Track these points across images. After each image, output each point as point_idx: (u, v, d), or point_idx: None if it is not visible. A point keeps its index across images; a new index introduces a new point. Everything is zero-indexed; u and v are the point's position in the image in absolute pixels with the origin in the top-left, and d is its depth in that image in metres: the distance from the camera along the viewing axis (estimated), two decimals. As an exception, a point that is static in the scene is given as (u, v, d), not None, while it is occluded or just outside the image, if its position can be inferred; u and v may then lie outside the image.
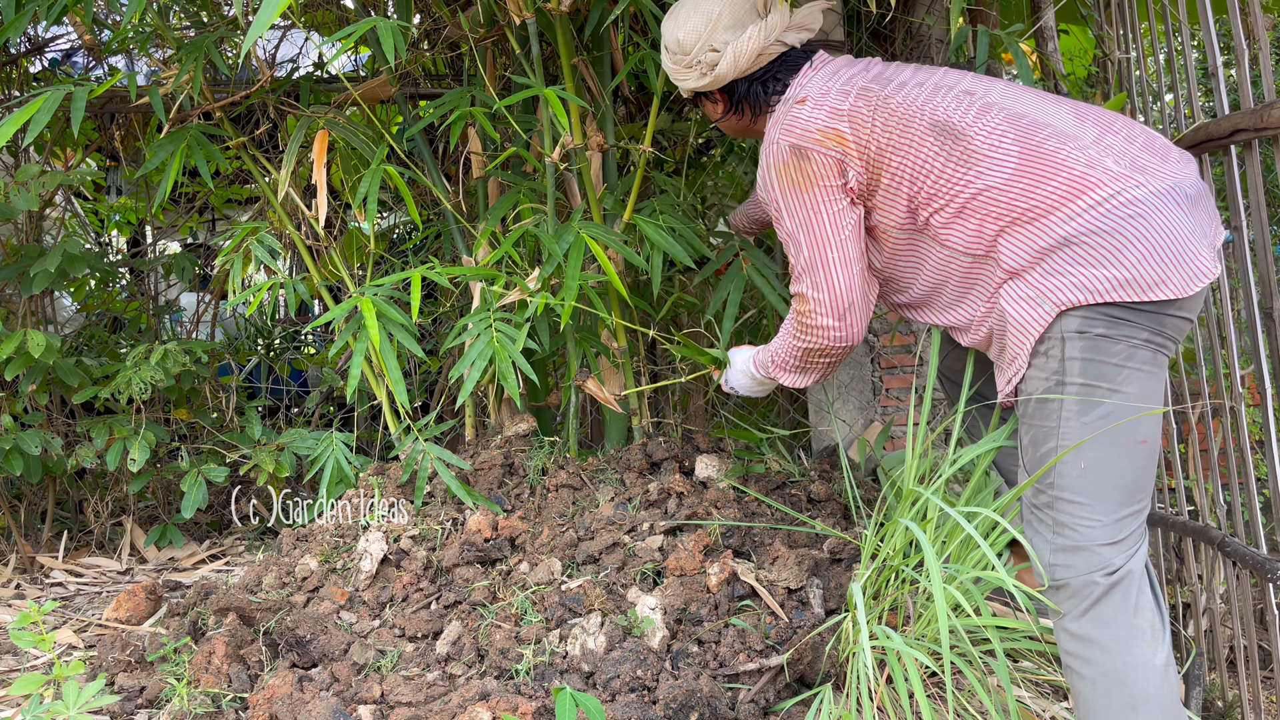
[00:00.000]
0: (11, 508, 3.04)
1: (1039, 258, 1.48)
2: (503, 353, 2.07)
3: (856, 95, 1.62)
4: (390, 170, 2.29)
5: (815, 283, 1.68)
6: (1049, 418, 1.49)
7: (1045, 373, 1.49)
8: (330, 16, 3.33)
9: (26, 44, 3.34)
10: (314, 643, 1.93)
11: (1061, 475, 1.48)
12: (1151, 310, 1.43)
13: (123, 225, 4.17)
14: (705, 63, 1.80)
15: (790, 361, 1.83)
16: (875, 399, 3.09)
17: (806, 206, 1.66)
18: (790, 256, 1.72)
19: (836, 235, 1.65)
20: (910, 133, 1.58)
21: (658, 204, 2.37)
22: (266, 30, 1.39)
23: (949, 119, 1.56)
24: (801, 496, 2.32)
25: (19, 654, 2.23)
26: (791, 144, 1.64)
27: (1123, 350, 1.44)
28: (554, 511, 2.21)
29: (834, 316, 1.69)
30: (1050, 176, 1.49)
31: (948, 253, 1.60)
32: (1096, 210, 1.44)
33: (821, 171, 1.63)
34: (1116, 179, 1.46)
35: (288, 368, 4.05)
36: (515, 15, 2.24)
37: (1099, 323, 1.44)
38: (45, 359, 2.65)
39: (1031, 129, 1.54)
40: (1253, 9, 1.65)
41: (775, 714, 1.73)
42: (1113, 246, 1.43)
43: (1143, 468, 1.47)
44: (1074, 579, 1.48)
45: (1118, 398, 1.44)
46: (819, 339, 1.73)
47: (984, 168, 1.52)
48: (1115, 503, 1.46)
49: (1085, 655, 1.47)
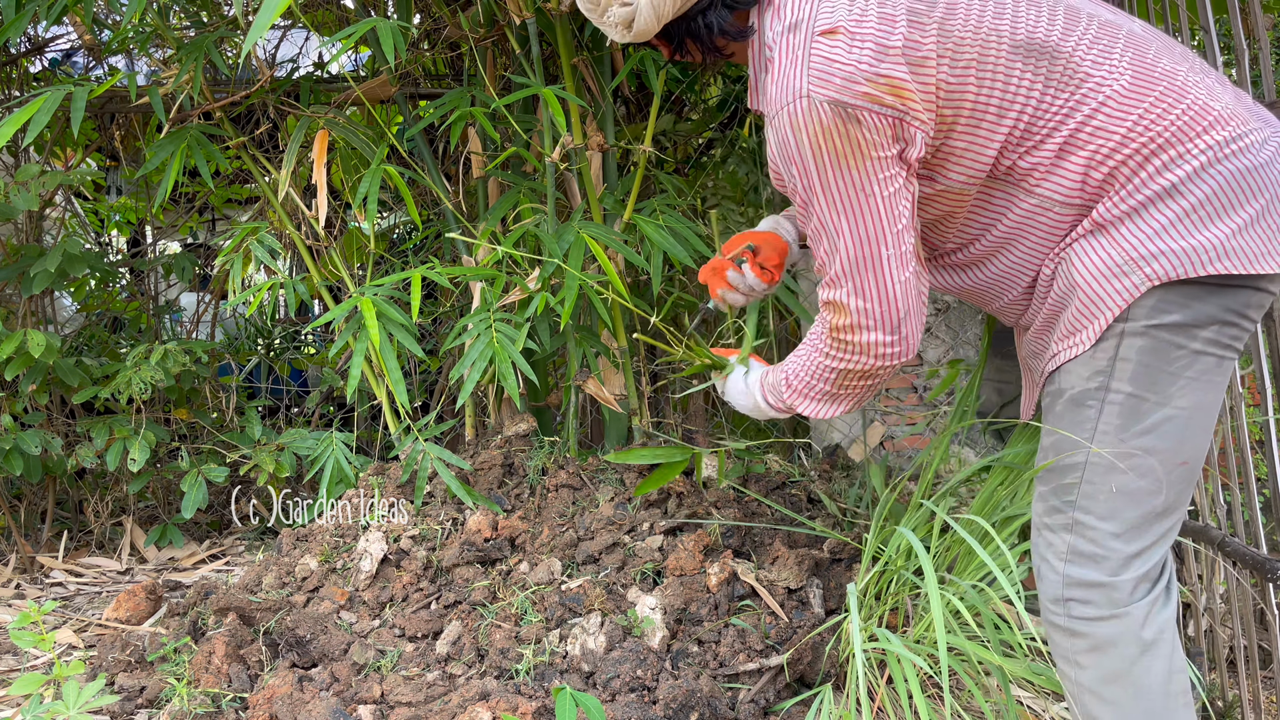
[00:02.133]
0: (11, 508, 3.04)
1: (1137, 208, 1.20)
2: (503, 353, 2.07)
3: (908, 23, 1.21)
4: (390, 170, 2.29)
5: (861, 289, 1.30)
6: (1082, 425, 1.25)
7: (1088, 370, 1.25)
8: (330, 16, 3.33)
9: (26, 44, 3.34)
10: (314, 643, 1.93)
11: (1088, 496, 1.25)
12: (1240, 287, 1.19)
13: (123, 225, 4.17)
14: (619, 18, 1.39)
15: (818, 387, 1.44)
16: (875, 399, 3.09)
17: (853, 187, 1.25)
18: (821, 254, 1.33)
19: (892, 225, 1.26)
20: (989, 61, 1.22)
21: (658, 203, 2.37)
22: (266, 31, 1.39)
23: (1034, 35, 1.22)
24: (801, 496, 2.32)
25: (19, 654, 2.23)
26: (831, 99, 1.20)
27: (1183, 358, 1.20)
28: (554, 511, 2.21)
29: (886, 330, 1.32)
30: (1174, 102, 1.19)
31: (1035, 203, 1.27)
32: (1218, 154, 1.17)
33: (874, 138, 1.21)
34: (1236, 117, 1.19)
35: (288, 368, 4.04)
36: (515, 15, 2.24)
37: (1174, 309, 1.19)
38: (45, 359, 2.65)
39: (1137, 41, 1.24)
40: (1253, 9, 1.65)
41: (775, 714, 1.73)
42: (1225, 203, 1.17)
43: (1179, 491, 1.25)
44: (1092, 629, 1.25)
45: (1167, 411, 1.21)
46: (863, 360, 1.35)
47: (1092, 86, 1.21)
48: (1143, 530, 1.24)
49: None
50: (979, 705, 1.71)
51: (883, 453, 3.06)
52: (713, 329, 2.30)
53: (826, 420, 2.99)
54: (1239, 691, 1.86)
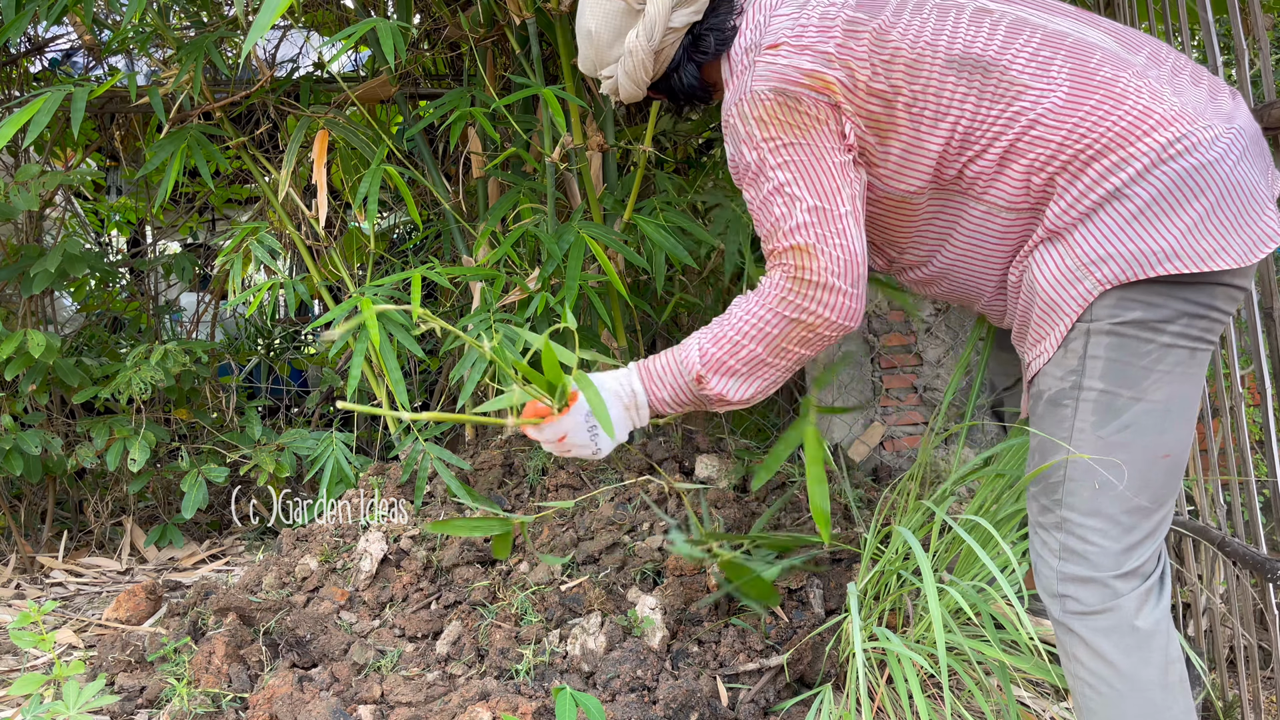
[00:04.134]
0: (11, 508, 3.04)
1: (1086, 214, 1.23)
2: (502, 353, 2.07)
3: (843, 32, 1.31)
4: (390, 170, 2.29)
5: (825, 236, 1.32)
6: (1060, 425, 1.28)
7: (1061, 370, 1.28)
8: (330, 16, 3.33)
9: (26, 44, 3.34)
10: (314, 643, 1.93)
11: (1071, 494, 1.28)
12: (1200, 283, 1.20)
13: (123, 225, 4.17)
14: (608, 89, 1.56)
15: (746, 351, 1.37)
16: (875, 399, 3.09)
17: (806, 152, 1.33)
18: (773, 218, 1.35)
19: (846, 187, 1.33)
20: (922, 72, 1.29)
21: (657, 203, 2.37)
22: (267, 31, 1.40)
23: (970, 50, 1.28)
24: (802, 497, 2.32)
25: (19, 654, 2.23)
26: (773, 87, 1.32)
27: (1153, 352, 1.22)
28: (554, 511, 2.22)
29: (848, 280, 1.33)
30: (1110, 109, 1.22)
31: (984, 209, 1.33)
32: (1160, 155, 1.19)
33: (816, 113, 1.31)
34: (1182, 118, 1.20)
35: (288, 368, 4.05)
36: (515, 15, 2.24)
37: (1135, 306, 1.21)
38: (45, 359, 2.65)
39: (1080, 50, 1.27)
40: (1253, 9, 1.65)
41: (775, 714, 1.73)
42: (1171, 203, 1.19)
43: (1164, 484, 1.26)
44: (1087, 623, 1.28)
45: (1142, 405, 1.23)
46: (821, 306, 1.34)
47: (1030, 100, 1.25)
48: (1131, 525, 1.26)
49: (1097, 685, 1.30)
50: (979, 705, 1.71)
51: (882, 452, 3.07)
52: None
53: (826, 420, 2.99)
54: (1239, 691, 1.86)
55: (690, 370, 1.39)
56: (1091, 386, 1.25)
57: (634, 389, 1.43)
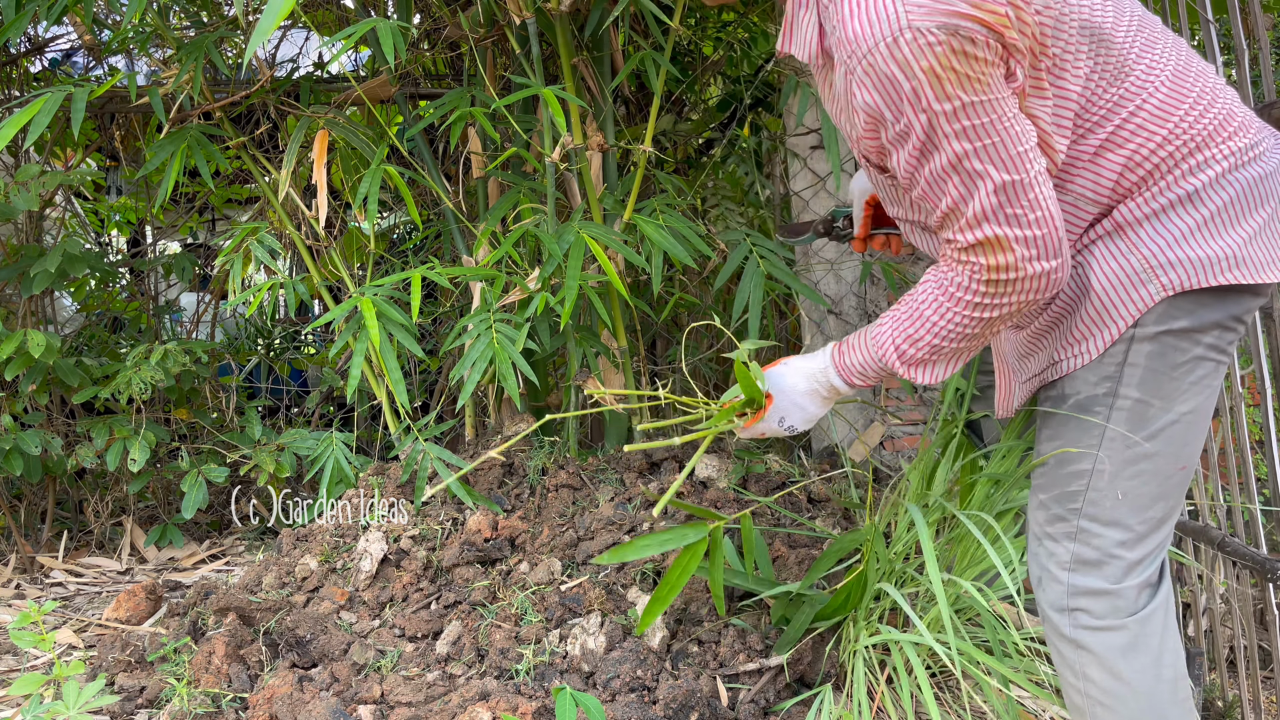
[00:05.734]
0: (11, 508, 3.04)
1: (1158, 212, 1.18)
2: (503, 353, 2.07)
3: None
4: (390, 170, 2.29)
5: (1016, 217, 1.12)
6: (1088, 430, 1.23)
7: (1096, 375, 1.22)
8: (330, 16, 3.33)
9: (26, 44, 3.34)
10: (314, 643, 1.93)
11: (1093, 503, 1.23)
12: (1240, 294, 1.18)
13: (123, 225, 4.17)
14: None
15: (949, 347, 1.25)
16: (875, 398, 3.09)
17: (983, 111, 1.09)
18: (949, 201, 1.15)
19: (1026, 141, 1.12)
20: (1063, 34, 1.13)
21: (657, 203, 2.37)
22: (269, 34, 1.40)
23: (1093, 18, 1.15)
24: (801, 497, 2.32)
25: (19, 654, 2.23)
26: (940, 24, 1.04)
27: (1188, 364, 1.19)
28: (554, 511, 2.22)
29: (1051, 254, 1.15)
30: (1208, 105, 1.16)
31: (1065, 200, 1.22)
32: (1238, 160, 1.16)
33: (990, 59, 1.07)
34: (1253, 126, 1.18)
35: (288, 368, 4.05)
36: (515, 15, 2.24)
37: (1181, 316, 1.17)
38: (45, 359, 2.65)
39: (1174, 41, 1.20)
40: (1253, 9, 1.65)
41: (775, 714, 1.73)
42: (1239, 210, 1.16)
43: (1178, 496, 1.24)
44: (1098, 638, 1.23)
45: (1170, 416, 1.20)
46: (1023, 295, 1.17)
47: (1136, 83, 1.16)
48: (1146, 536, 1.23)
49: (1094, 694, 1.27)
50: (980, 704, 1.71)
51: (882, 452, 3.06)
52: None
53: (827, 420, 2.99)
54: (1239, 691, 1.86)
55: (887, 366, 1.31)
56: (1128, 395, 1.20)
57: (832, 384, 1.37)
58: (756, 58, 3.14)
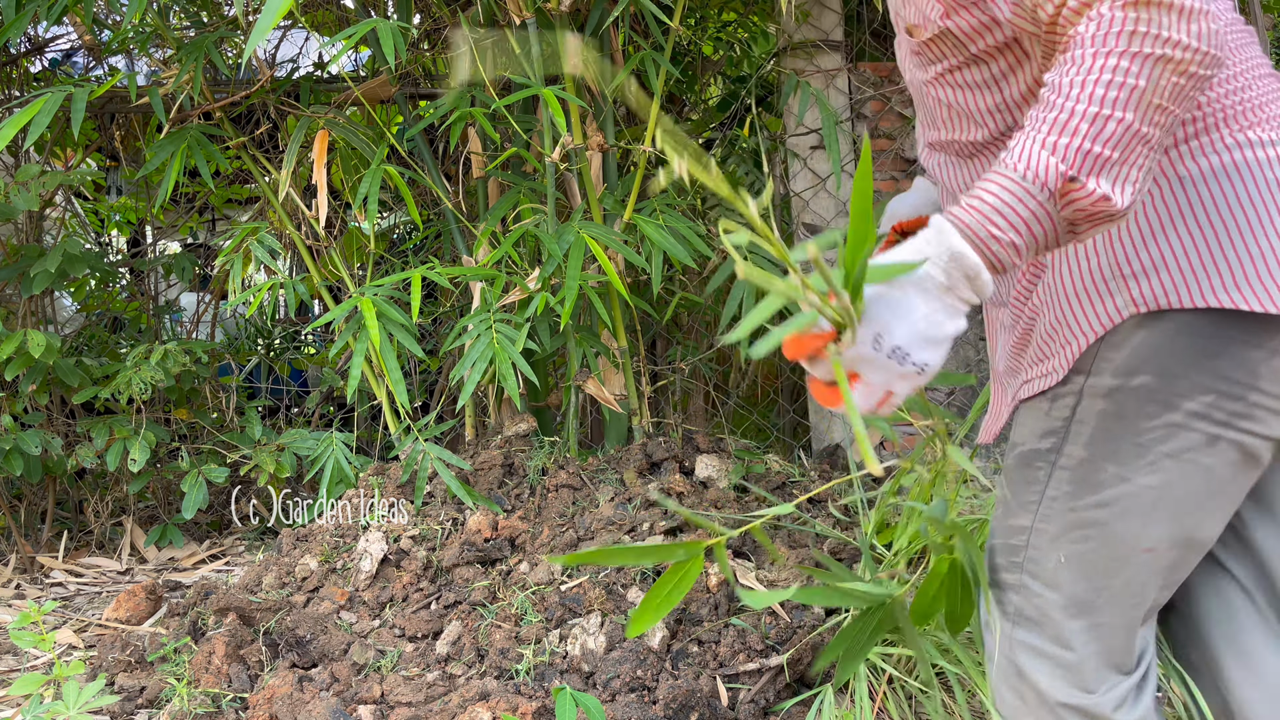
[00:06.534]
0: (11, 508, 3.04)
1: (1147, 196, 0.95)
2: (502, 353, 2.07)
3: None
4: (390, 170, 2.29)
5: None
6: (1030, 486, 1.04)
7: (1041, 428, 1.03)
8: (330, 16, 3.33)
9: (26, 44, 3.34)
10: (314, 643, 1.93)
11: (1034, 561, 1.05)
12: (1246, 342, 0.92)
13: (123, 225, 4.17)
14: None
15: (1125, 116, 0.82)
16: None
17: None
18: None
19: None
20: None
21: (657, 203, 2.37)
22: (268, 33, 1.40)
23: None
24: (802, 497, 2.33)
25: (19, 654, 2.23)
26: None
27: (1158, 431, 0.95)
28: (554, 511, 2.22)
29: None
30: (1244, 84, 0.97)
31: None
32: (1267, 151, 0.94)
33: None
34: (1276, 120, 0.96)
35: (288, 368, 4.05)
36: (515, 15, 2.24)
37: (1147, 368, 0.94)
38: (45, 359, 2.65)
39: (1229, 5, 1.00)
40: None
41: (775, 714, 1.73)
42: (1254, 214, 0.92)
43: (1150, 579, 1.01)
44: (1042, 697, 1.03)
45: (1127, 487, 0.97)
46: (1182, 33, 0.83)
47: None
48: (1097, 606, 1.02)
49: None
50: (980, 704, 1.71)
51: (882, 452, 3.06)
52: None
53: (827, 420, 2.99)
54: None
55: (1044, 183, 0.84)
56: (1072, 454, 1.01)
57: (953, 253, 0.84)
58: (757, 58, 3.14)
